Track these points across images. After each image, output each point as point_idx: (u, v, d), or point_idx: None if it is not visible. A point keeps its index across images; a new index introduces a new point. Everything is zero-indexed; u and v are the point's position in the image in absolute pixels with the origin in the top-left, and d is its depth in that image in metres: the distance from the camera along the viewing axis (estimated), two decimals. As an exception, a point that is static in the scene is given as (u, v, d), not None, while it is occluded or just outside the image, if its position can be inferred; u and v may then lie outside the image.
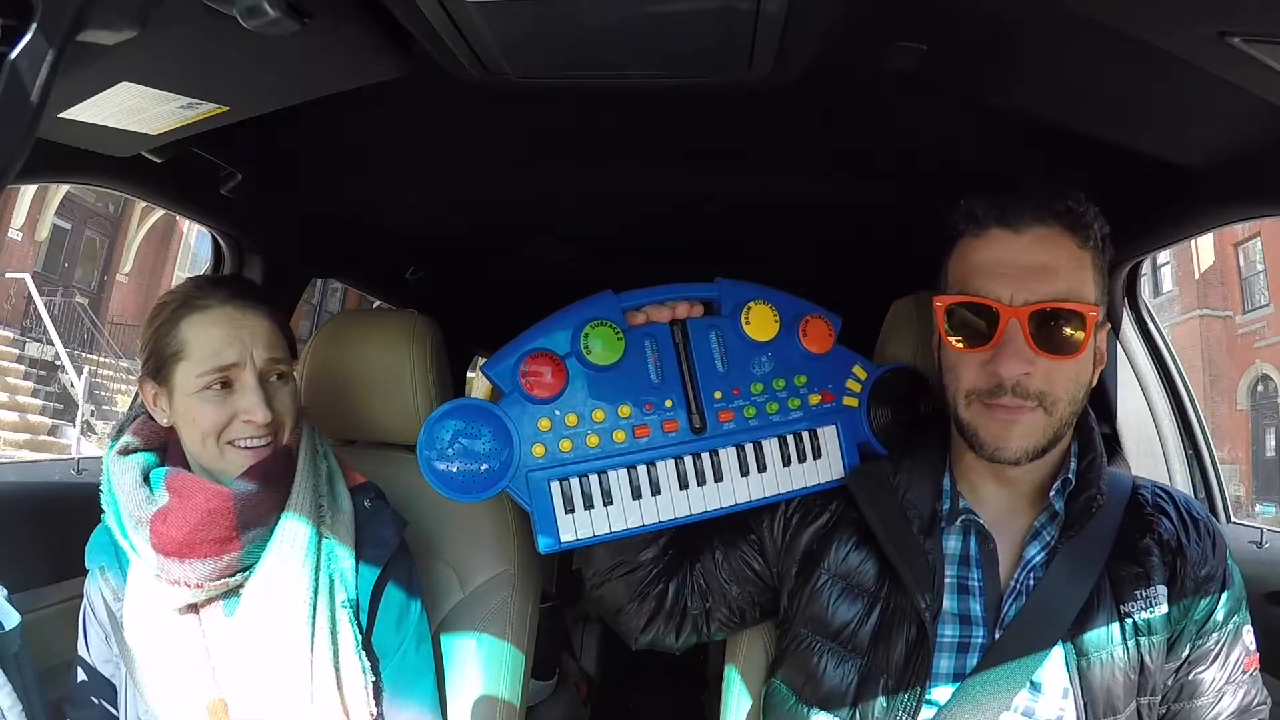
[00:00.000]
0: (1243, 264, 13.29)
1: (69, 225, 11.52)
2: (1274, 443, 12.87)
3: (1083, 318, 0.76)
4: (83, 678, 0.95)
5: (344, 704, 0.87)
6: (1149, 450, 1.27)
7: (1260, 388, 13.05)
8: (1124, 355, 1.27)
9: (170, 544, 0.84)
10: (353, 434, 1.18)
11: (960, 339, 0.79)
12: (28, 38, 0.39)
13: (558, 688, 2.07)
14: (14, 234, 10.53)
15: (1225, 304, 13.39)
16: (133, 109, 0.78)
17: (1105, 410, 1.23)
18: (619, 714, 2.45)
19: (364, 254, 1.79)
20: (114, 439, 0.95)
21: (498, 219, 1.58)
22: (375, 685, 0.90)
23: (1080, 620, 0.78)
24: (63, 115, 0.77)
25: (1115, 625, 0.78)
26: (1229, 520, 1.29)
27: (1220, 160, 0.90)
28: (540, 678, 1.95)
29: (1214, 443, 1.36)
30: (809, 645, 0.86)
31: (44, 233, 11.04)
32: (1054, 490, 0.81)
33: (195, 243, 12.04)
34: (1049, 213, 0.77)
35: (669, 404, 0.84)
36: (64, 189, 10.40)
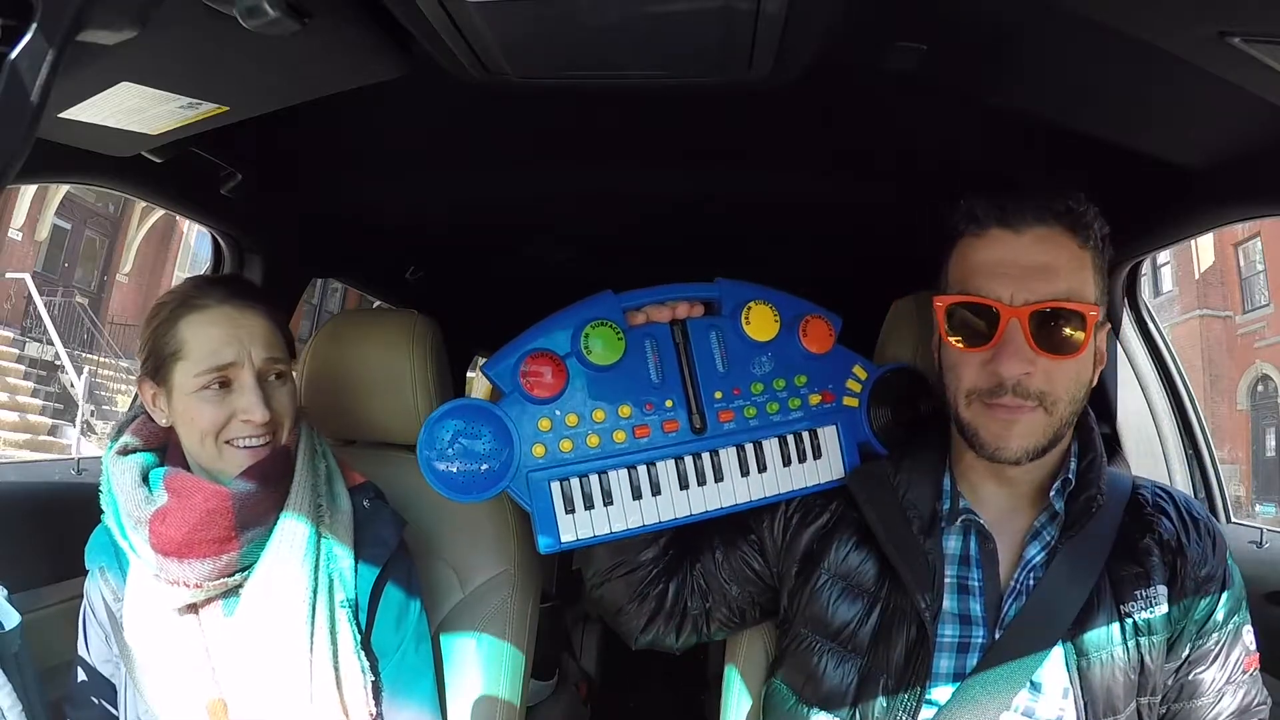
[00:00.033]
0: (1243, 264, 13.29)
1: (69, 225, 11.52)
2: (1274, 443, 12.87)
3: (1083, 317, 0.76)
4: (83, 678, 0.95)
5: (343, 704, 0.87)
6: (1149, 450, 1.27)
7: (1260, 388, 13.05)
8: (1124, 355, 1.27)
9: (169, 544, 0.84)
10: (353, 434, 1.18)
11: (961, 339, 0.79)
12: (28, 38, 0.39)
13: (558, 688, 2.07)
14: (14, 234, 10.53)
15: (1225, 304, 13.38)
16: (133, 109, 0.78)
17: (1105, 410, 1.23)
18: (619, 714, 2.44)
19: (364, 254, 1.79)
20: (113, 439, 0.95)
21: (498, 219, 1.58)
22: (374, 685, 0.90)
23: (1080, 620, 0.78)
24: (63, 115, 0.77)
25: (1115, 625, 0.78)
26: (1229, 520, 1.29)
27: (1220, 160, 0.90)
28: (540, 678, 1.95)
29: (1214, 443, 1.36)
30: (809, 645, 0.86)
31: (44, 233, 11.04)
32: (1054, 490, 0.81)
33: (195, 243, 12.04)
34: (1049, 213, 0.77)
35: (669, 404, 0.84)
36: (64, 189, 10.40)
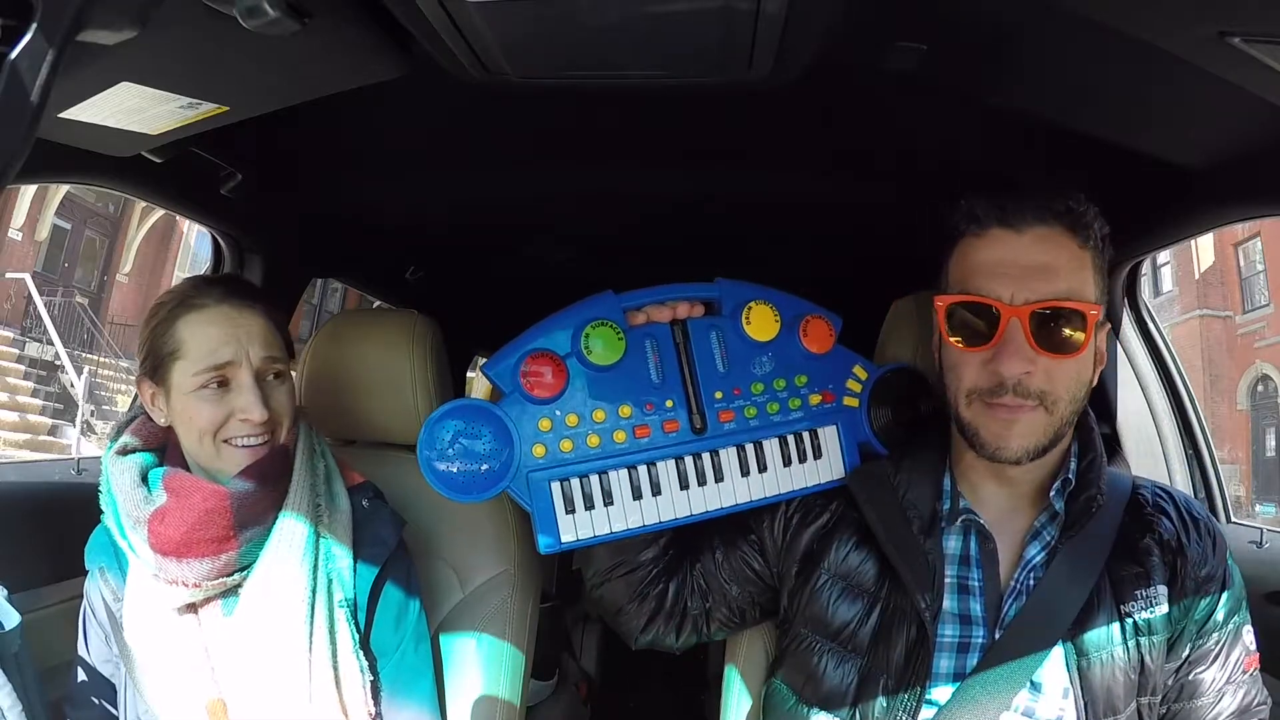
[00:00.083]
0: (1243, 264, 13.28)
1: (69, 225, 11.51)
2: (1274, 443, 12.87)
3: (1083, 317, 0.76)
4: (83, 678, 0.95)
5: (342, 703, 0.87)
6: (1149, 450, 1.27)
7: (1260, 388, 13.05)
8: (1124, 355, 1.27)
9: (168, 544, 0.84)
10: (352, 434, 1.18)
11: (961, 338, 0.79)
12: (28, 38, 0.39)
13: (558, 688, 2.07)
14: (14, 234, 10.53)
15: (1225, 304, 13.38)
16: (133, 109, 0.78)
17: (1105, 410, 1.23)
18: (619, 714, 2.44)
19: (364, 254, 1.79)
20: (113, 439, 0.95)
21: (498, 219, 1.58)
22: (373, 685, 0.90)
23: (1080, 620, 0.78)
24: (63, 115, 0.77)
25: (1115, 625, 0.78)
26: (1229, 520, 1.29)
27: (1220, 160, 0.90)
28: (540, 678, 1.95)
29: (1214, 443, 1.36)
30: (809, 645, 0.86)
31: (44, 233, 11.04)
32: (1054, 490, 0.81)
33: (195, 243, 12.04)
34: (1049, 212, 0.77)
35: (670, 404, 0.84)
36: (64, 189, 10.40)
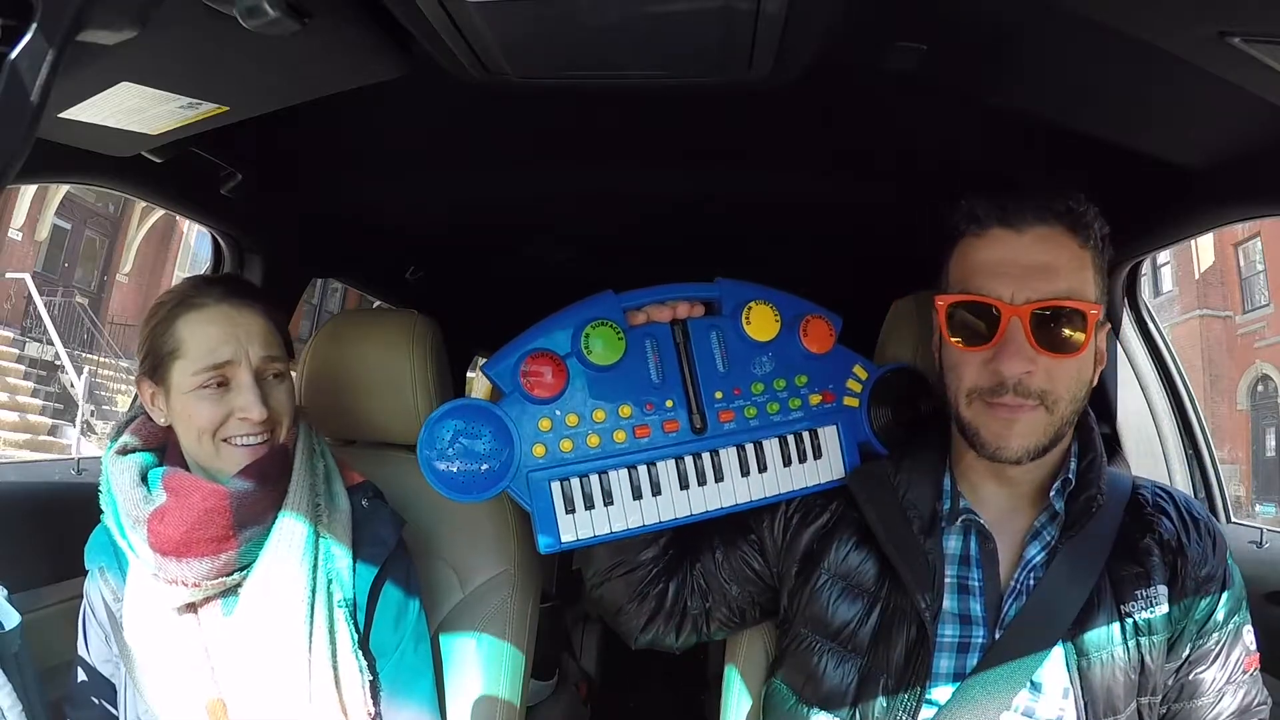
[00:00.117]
0: (1243, 264, 13.29)
1: (69, 225, 11.51)
2: (1274, 443, 12.87)
3: (1084, 316, 0.76)
4: (83, 678, 0.95)
5: (342, 703, 0.87)
6: (1149, 450, 1.27)
7: (1260, 388, 13.05)
8: (1124, 355, 1.27)
9: (167, 543, 0.84)
10: (352, 434, 1.18)
11: (962, 338, 0.79)
12: (28, 38, 0.39)
13: (558, 688, 2.07)
14: (14, 234, 10.53)
15: (1225, 304, 13.38)
16: (133, 109, 0.78)
17: (1105, 410, 1.23)
18: (619, 714, 2.44)
19: (364, 254, 1.79)
20: (113, 439, 0.95)
21: (498, 219, 1.58)
22: (373, 684, 0.90)
23: (1080, 620, 0.78)
24: (63, 115, 0.76)
25: (1115, 625, 0.78)
26: (1229, 520, 1.29)
27: (1220, 160, 0.90)
28: (540, 678, 1.94)
29: (1214, 443, 1.36)
30: (809, 645, 0.86)
31: (44, 233, 11.04)
32: (1054, 490, 0.81)
33: (195, 243, 12.04)
34: (1050, 212, 0.77)
35: (670, 404, 0.84)
36: (64, 189, 10.40)
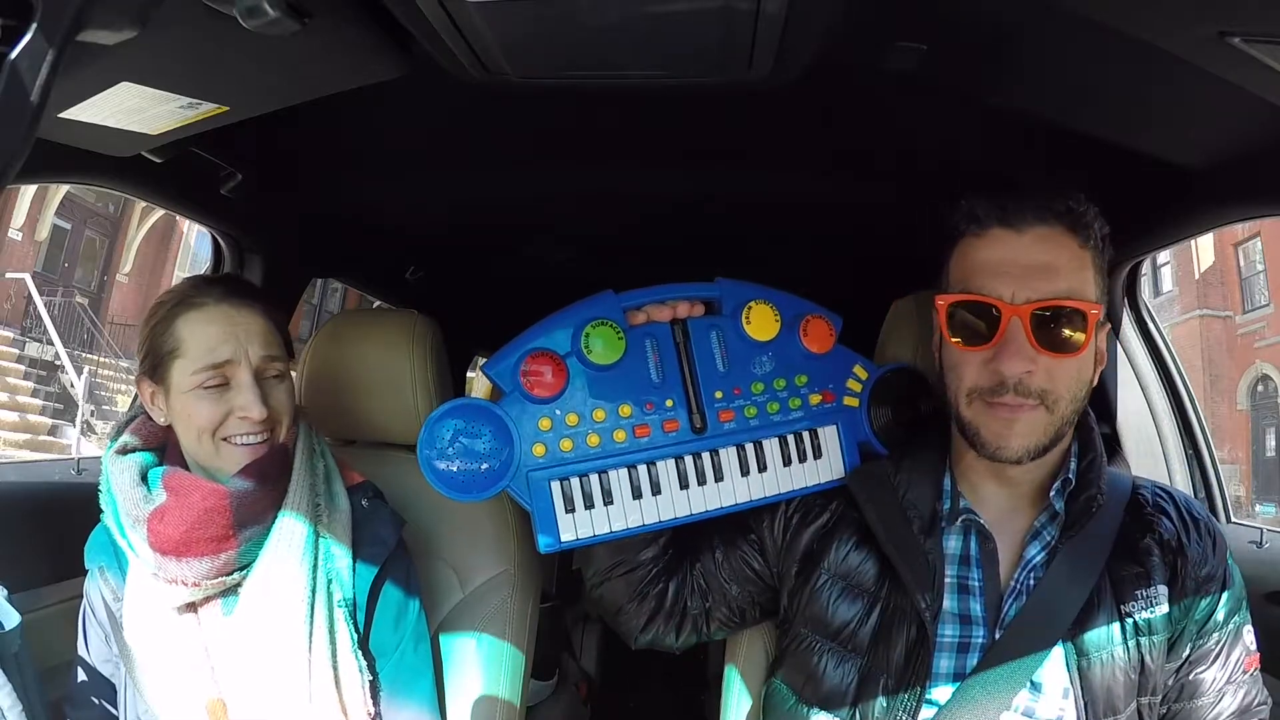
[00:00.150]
0: (1243, 264, 13.29)
1: (69, 225, 11.51)
2: (1274, 443, 12.87)
3: (1084, 316, 0.76)
4: (83, 678, 0.95)
5: (342, 703, 0.87)
6: (1149, 450, 1.27)
7: (1260, 388, 13.05)
8: (1124, 355, 1.27)
9: (167, 543, 0.84)
10: (352, 434, 1.18)
11: (962, 338, 0.79)
12: (28, 38, 0.39)
13: (558, 688, 2.07)
14: (14, 234, 10.53)
15: (1225, 304, 13.38)
16: (133, 109, 0.78)
17: (1105, 410, 1.23)
18: (619, 714, 2.44)
19: (364, 254, 1.79)
20: (113, 439, 0.95)
21: (498, 219, 1.58)
22: (373, 684, 0.90)
23: (1080, 620, 0.78)
24: (63, 115, 0.76)
25: (1116, 625, 0.78)
26: (1229, 520, 1.29)
27: (1220, 160, 0.90)
28: (540, 678, 1.95)
29: (1214, 443, 1.36)
30: (809, 645, 0.86)
31: (44, 233, 11.04)
32: (1054, 490, 0.81)
33: (195, 243, 12.04)
34: (1050, 212, 0.77)
35: (670, 403, 0.84)
36: (64, 189, 10.40)
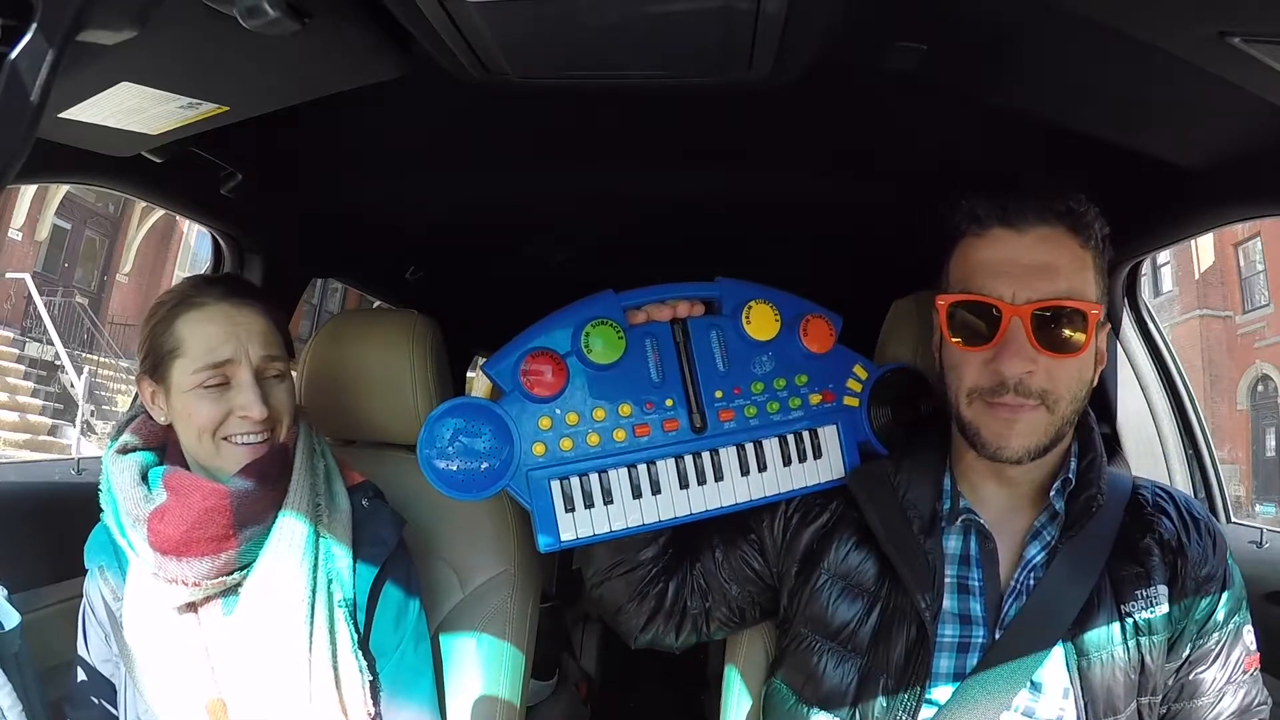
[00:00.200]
0: (1243, 264, 13.29)
1: (69, 225, 11.51)
2: (1274, 443, 12.87)
3: (1085, 316, 0.76)
4: (83, 678, 0.95)
5: (342, 703, 0.87)
6: (1149, 450, 1.27)
7: (1260, 388, 13.05)
8: (1124, 355, 1.27)
9: (167, 542, 0.84)
10: (352, 434, 1.18)
11: (962, 338, 0.79)
12: (28, 38, 0.39)
13: (558, 688, 2.07)
14: (14, 234, 10.53)
15: (1225, 304, 13.38)
16: (133, 109, 0.78)
17: (1105, 410, 1.23)
18: (619, 714, 2.45)
19: (364, 254, 1.79)
20: (113, 438, 0.95)
21: (498, 219, 1.58)
22: (373, 684, 0.90)
23: (1080, 620, 0.78)
24: (63, 115, 0.76)
25: (1116, 625, 0.79)
26: (1229, 520, 1.29)
27: (1220, 160, 0.90)
28: (540, 678, 1.95)
29: (1214, 443, 1.36)
30: (809, 645, 0.86)
31: (44, 233, 11.04)
32: (1054, 490, 0.81)
33: (195, 243, 12.04)
34: (1051, 213, 0.77)
35: (669, 403, 0.84)
36: (64, 189, 10.40)
